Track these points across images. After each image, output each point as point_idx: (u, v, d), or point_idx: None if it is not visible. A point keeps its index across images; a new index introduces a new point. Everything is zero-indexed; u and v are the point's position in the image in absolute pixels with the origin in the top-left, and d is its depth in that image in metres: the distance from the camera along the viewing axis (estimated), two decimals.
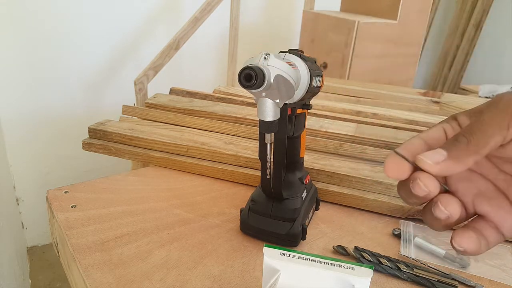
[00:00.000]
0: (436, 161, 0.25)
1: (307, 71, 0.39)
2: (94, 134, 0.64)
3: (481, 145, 0.24)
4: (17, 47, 1.41)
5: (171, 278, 0.38)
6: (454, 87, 2.73)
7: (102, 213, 0.48)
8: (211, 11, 1.37)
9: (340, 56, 1.44)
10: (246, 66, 0.32)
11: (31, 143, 1.55)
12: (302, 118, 0.45)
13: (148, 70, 1.32)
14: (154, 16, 1.67)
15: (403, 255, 0.44)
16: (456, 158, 0.24)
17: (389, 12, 1.48)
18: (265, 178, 0.42)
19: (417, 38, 1.58)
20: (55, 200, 0.50)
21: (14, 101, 1.47)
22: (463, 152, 0.24)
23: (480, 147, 0.24)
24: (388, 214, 0.52)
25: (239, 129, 0.67)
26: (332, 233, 0.48)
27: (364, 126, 0.71)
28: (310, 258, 0.29)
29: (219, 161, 0.60)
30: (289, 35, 2.08)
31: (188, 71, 1.84)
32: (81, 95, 1.61)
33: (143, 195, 0.53)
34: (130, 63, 1.66)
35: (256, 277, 0.39)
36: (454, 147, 0.25)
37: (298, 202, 0.44)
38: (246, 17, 1.79)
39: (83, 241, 0.43)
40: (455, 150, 0.25)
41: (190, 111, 0.74)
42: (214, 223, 0.48)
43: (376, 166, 0.57)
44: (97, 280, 0.38)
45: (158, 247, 0.43)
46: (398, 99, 0.94)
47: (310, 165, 0.57)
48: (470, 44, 2.63)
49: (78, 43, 1.53)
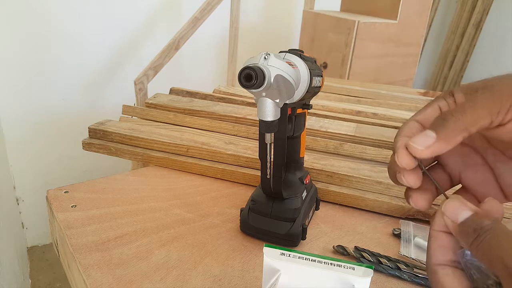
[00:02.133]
0: (426, 146, 0.25)
1: (307, 71, 0.39)
2: (94, 134, 0.64)
3: (469, 124, 0.25)
4: (17, 47, 1.41)
5: (171, 278, 0.38)
6: (454, 87, 2.73)
7: (102, 213, 0.48)
8: (211, 11, 1.37)
9: (340, 56, 1.44)
10: (246, 66, 0.32)
11: (31, 143, 1.55)
12: (302, 118, 0.45)
13: (148, 70, 1.32)
14: (154, 16, 1.67)
15: (403, 255, 0.44)
16: (445, 138, 0.25)
17: (389, 12, 1.48)
18: (265, 178, 0.42)
19: (417, 38, 1.58)
20: (55, 200, 0.50)
21: (14, 101, 1.47)
22: (451, 131, 0.25)
23: (468, 125, 0.25)
24: (388, 214, 0.52)
25: (239, 129, 0.67)
26: (332, 233, 0.48)
27: (364, 126, 0.71)
28: (310, 258, 0.29)
29: (219, 161, 0.60)
30: (289, 35, 2.08)
31: (188, 71, 1.84)
32: (81, 95, 1.61)
33: (143, 195, 0.53)
34: (130, 63, 1.66)
35: (256, 277, 0.39)
36: (442, 127, 0.25)
37: (298, 202, 0.44)
38: (246, 17, 1.79)
39: (83, 241, 0.43)
40: (444, 130, 0.25)
41: (190, 111, 0.74)
42: (214, 223, 0.48)
43: (376, 166, 0.57)
44: (97, 280, 0.38)
45: (158, 247, 0.43)
46: (398, 99, 0.94)
47: (310, 165, 0.57)
48: (470, 44, 2.63)
49: (78, 43, 1.53)
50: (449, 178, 0.30)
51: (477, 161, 0.29)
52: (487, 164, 0.29)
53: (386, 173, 0.55)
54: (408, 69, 1.62)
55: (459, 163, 0.29)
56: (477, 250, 0.22)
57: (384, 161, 0.61)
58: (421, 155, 0.25)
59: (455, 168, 0.30)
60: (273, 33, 2.03)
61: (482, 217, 0.23)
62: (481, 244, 0.22)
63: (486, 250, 0.22)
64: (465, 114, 0.25)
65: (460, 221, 0.24)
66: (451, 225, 0.24)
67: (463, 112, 0.25)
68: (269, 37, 2.02)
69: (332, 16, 1.47)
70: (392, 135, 0.68)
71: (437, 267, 0.25)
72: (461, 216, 0.24)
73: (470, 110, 0.25)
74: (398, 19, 1.46)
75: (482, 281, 0.23)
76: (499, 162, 0.28)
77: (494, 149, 0.28)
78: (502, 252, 0.21)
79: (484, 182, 0.29)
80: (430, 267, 0.25)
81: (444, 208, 0.25)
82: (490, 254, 0.21)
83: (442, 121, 0.25)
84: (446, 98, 0.28)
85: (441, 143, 0.25)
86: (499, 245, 0.21)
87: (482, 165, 0.29)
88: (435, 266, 0.25)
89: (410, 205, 0.29)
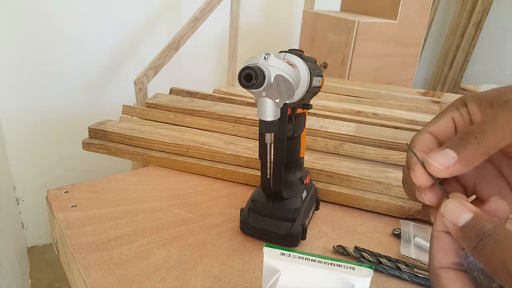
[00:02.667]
0: (446, 166, 0.24)
1: (307, 71, 0.39)
2: (94, 134, 0.64)
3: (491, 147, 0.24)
4: (17, 47, 1.41)
5: (171, 278, 0.38)
6: (454, 87, 2.73)
7: (102, 213, 0.48)
8: (211, 11, 1.37)
9: (340, 56, 1.44)
10: (246, 66, 0.32)
11: (31, 143, 1.55)
12: (302, 118, 0.45)
13: (148, 70, 1.32)
14: (154, 16, 1.67)
15: (403, 255, 0.44)
16: (465, 160, 0.24)
17: (389, 12, 1.48)
18: (265, 178, 0.42)
19: (417, 38, 1.58)
20: (55, 200, 0.50)
21: (14, 101, 1.47)
22: (473, 153, 0.24)
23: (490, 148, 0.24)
24: (388, 214, 0.52)
25: (239, 129, 0.67)
26: (332, 233, 0.48)
27: (364, 126, 0.71)
28: (310, 258, 0.29)
29: (219, 161, 0.60)
30: (289, 35, 2.08)
31: (188, 71, 1.84)
32: (81, 95, 1.61)
33: (143, 195, 0.53)
34: (130, 63, 1.66)
35: (256, 277, 0.39)
36: (464, 148, 0.24)
37: (298, 202, 0.44)
38: (246, 17, 1.79)
39: (83, 241, 0.43)
40: (465, 152, 0.24)
41: (190, 111, 0.74)
42: (214, 223, 0.48)
43: (376, 166, 0.57)
44: (97, 280, 0.38)
45: (158, 247, 0.43)
46: (398, 99, 0.94)
47: (310, 165, 0.57)
48: (470, 44, 2.63)
49: (78, 43, 1.53)
50: (463, 190, 0.29)
51: (492, 173, 0.28)
52: (502, 175, 0.28)
53: (386, 173, 0.55)
54: (408, 69, 1.62)
55: (473, 174, 0.29)
56: (480, 255, 0.22)
57: (384, 161, 0.61)
58: (439, 174, 0.24)
59: (469, 180, 0.29)
60: (273, 33, 2.03)
61: (484, 220, 0.23)
62: (483, 249, 0.22)
63: (489, 255, 0.21)
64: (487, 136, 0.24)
65: (461, 224, 0.23)
66: (451, 227, 0.24)
67: (485, 134, 0.24)
68: (269, 37, 2.02)
69: (332, 16, 1.47)
70: (392, 135, 0.68)
71: (440, 271, 0.24)
72: (462, 219, 0.23)
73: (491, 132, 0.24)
74: (398, 19, 1.46)
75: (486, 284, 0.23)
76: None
77: (509, 160, 0.28)
78: (505, 257, 0.21)
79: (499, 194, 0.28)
80: (432, 270, 0.25)
81: (443, 210, 0.24)
82: (493, 259, 0.21)
83: (464, 142, 0.24)
84: (458, 109, 0.27)
85: (461, 165, 0.24)
86: (501, 249, 0.21)
87: (497, 176, 0.28)
88: (438, 269, 0.24)
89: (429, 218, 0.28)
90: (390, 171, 0.56)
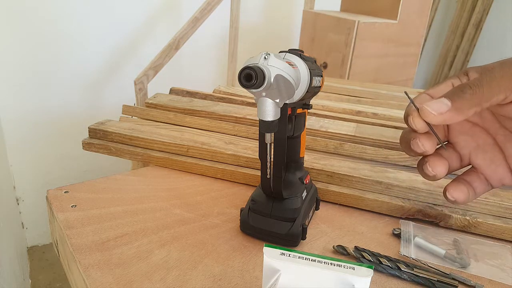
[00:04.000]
0: (439, 112, 0.25)
1: (307, 71, 0.39)
2: (94, 134, 0.64)
3: (484, 99, 0.25)
4: (17, 47, 1.41)
5: (171, 278, 0.38)
6: None
7: (102, 213, 0.48)
8: (211, 11, 1.37)
9: (340, 56, 1.44)
10: (246, 66, 0.32)
11: (31, 143, 1.55)
12: (302, 118, 0.45)
13: (148, 70, 1.32)
14: (154, 16, 1.67)
15: (403, 255, 0.44)
16: (459, 109, 0.25)
17: (389, 12, 1.48)
18: (265, 178, 0.42)
19: (417, 38, 1.58)
20: (55, 200, 0.50)
21: (14, 101, 1.47)
22: (466, 103, 0.25)
23: (483, 100, 0.25)
24: (388, 214, 0.52)
25: (239, 129, 0.67)
26: (332, 233, 0.48)
27: (364, 126, 0.71)
28: (310, 258, 0.29)
29: (219, 161, 0.60)
30: (289, 35, 2.08)
31: (188, 71, 1.85)
32: (81, 95, 1.61)
33: (143, 195, 0.53)
34: (130, 63, 1.66)
35: (256, 277, 0.39)
36: (459, 97, 0.25)
37: (298, 202, 0.44)
38: (246, 17, 1.79)
39: (83, 241, 0.43)
40: (459, 101, 0.25)
41: (190, 111, 0.74)
42: (214, 223, 0.48)
43: (376, 166, 0.57)
44: (97, 280, 0.38)
45: (158, 247, 0.43)
46: (398, 99, 0.94)
47: (310, 165, 0.57)
48: (470, 44, 2.63)
49: (78, 43, 1.53)
50: (460, 159, 0.30)
51: (488, 142, 0.29)
52: (497, 144, 0.29)
53: (386, 173, 0.55)
54: (408, 69, 1.62)
55: (469, 142, 0.30)
56: None
57: (384, 161, 0.61)
58: (433, 120, 0.25)
59: (465, 148, 0.30)
60: (273, 33, 2.03)
61: None
62: None
63: None
64: (482, 88, 0.25)
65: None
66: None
67: (480, 86, 0.25)
68: (269, 37, 2.02)
69: (332, 16, 1.47)
70: (392, 135, 0.68)
71: None
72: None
73: (487, 85, 0.25)
74: (398, 19, 1.46)
75: None
76: (509, 143, 0.28)
77: (505, 129, 0.29)
78: None
79: (494, 163, 0.29)
80: None
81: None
82: None
83: (459, 92, 0.25)
84: (460, 77, 0.28)
85: (454, 112, 0.25)
86: None
87: (492, 145, 0.29)
88: None
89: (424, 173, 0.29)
90: (390, 171, 0.56)
